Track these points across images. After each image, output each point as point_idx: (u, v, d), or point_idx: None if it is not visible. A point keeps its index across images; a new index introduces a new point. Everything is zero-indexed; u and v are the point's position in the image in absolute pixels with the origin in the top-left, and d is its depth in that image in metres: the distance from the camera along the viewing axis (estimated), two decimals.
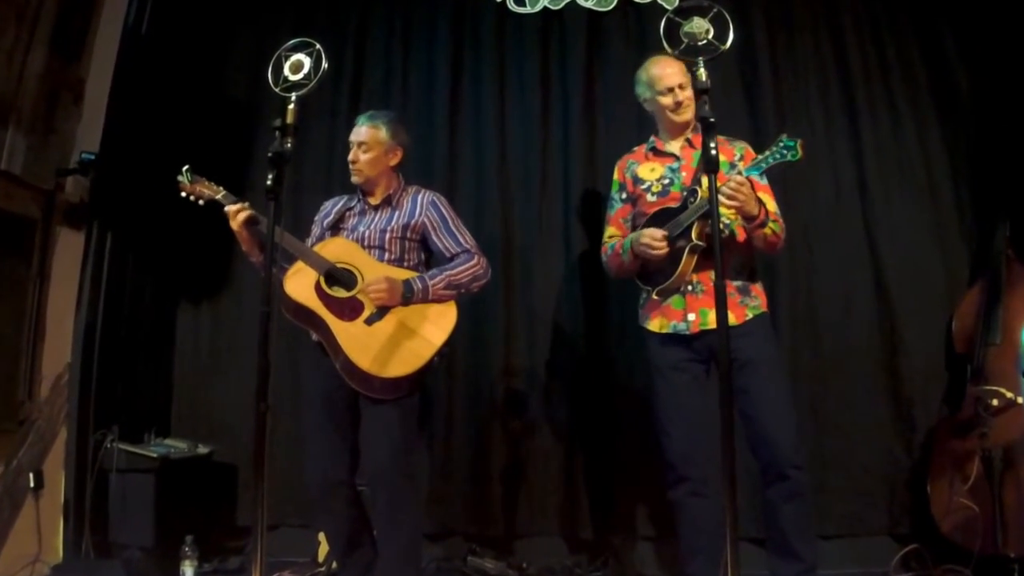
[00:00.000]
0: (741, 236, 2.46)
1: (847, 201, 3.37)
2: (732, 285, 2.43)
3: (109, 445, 3.17)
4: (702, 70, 1.85)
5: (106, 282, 3.47)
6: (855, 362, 3.23)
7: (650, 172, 2.61)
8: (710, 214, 2.29)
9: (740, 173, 2.26)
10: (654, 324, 2.54)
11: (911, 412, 3.17)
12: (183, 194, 2.60)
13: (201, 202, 2.59)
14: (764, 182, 2.49)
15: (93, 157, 3.46)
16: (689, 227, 2.36)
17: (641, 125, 3.49)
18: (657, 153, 2.64)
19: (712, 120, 1.83)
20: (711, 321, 2.40)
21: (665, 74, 2.55)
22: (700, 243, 2.36)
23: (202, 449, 3.36)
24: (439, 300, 2.50)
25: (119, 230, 3.53)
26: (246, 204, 2.49)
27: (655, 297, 2.50)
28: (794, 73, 3.48)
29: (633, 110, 3.50)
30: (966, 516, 2.79)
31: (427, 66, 3.71)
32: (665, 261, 2.41)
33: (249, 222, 2.47)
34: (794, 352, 3.23)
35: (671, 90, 2.54)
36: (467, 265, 2.55)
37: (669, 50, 1.91)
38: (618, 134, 3.50)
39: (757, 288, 2.53)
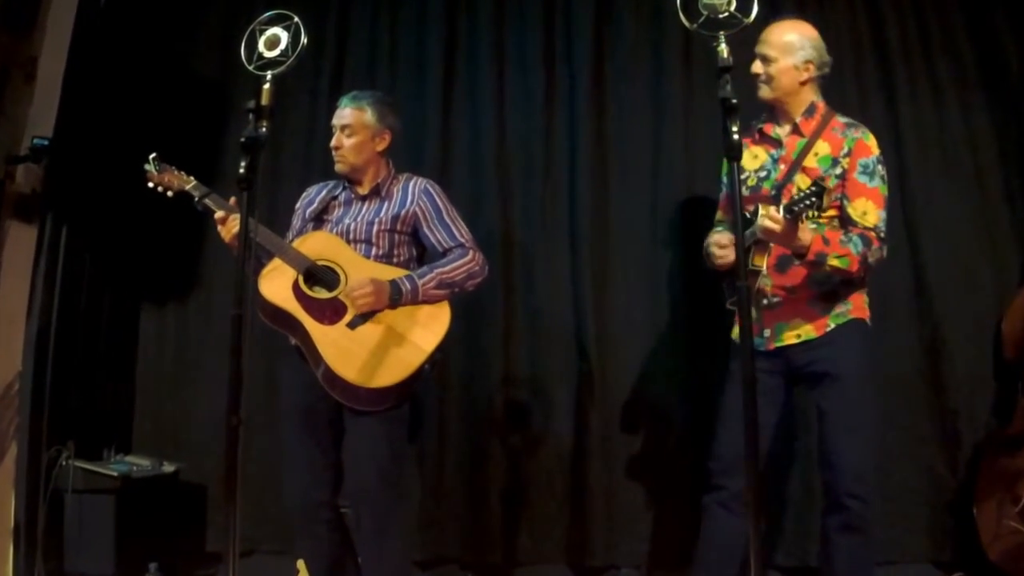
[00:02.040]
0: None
1: None
2: (813, 292, 2.42)
3: (64, 463, 3.16)
4: (723, 46, 1.85)
5: (61, 281, 3.46)
6: (892, 370, 3.23)
7: (752, 160, 2.53)
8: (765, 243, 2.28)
9: (779, 210, 2.22)
10: (734, 333, 2.56)
11: (955, 426, 3.17)
12: (150, 184, 2.61)
13: (170, 193, 2.60)
14: (872, 184, 2.38)
15: (46, 143, 3.45)
16: (750, 247, 2.31)
17: (656, 108, 3.52)
18: (764, 137, 2.55)
19: (735, 102, 1.83)
20: (787, 337, 2.43)
21: (759, 40, 2.47)
22: (756, 267, 2.33)
23: (168, 467, 3.37)
24: (430, 301, 2.50)
25: (76, 224, 3.52)
26: (233, 202, 2.48)
27: (729, 307, 2.51)
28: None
29: (647, 91, 3.53)
30: (1016, 542, 2.79)
31: (417, 41, 3.71)
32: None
33: None
34: None
35: (755, 60, 2.47)
36: (461, 261, 2.55)
37: (687, 24, 1.91)
38: (630, 118, 3.50)
39: (849, 292, 2.45)
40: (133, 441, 3.61)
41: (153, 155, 2.60)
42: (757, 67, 2.47)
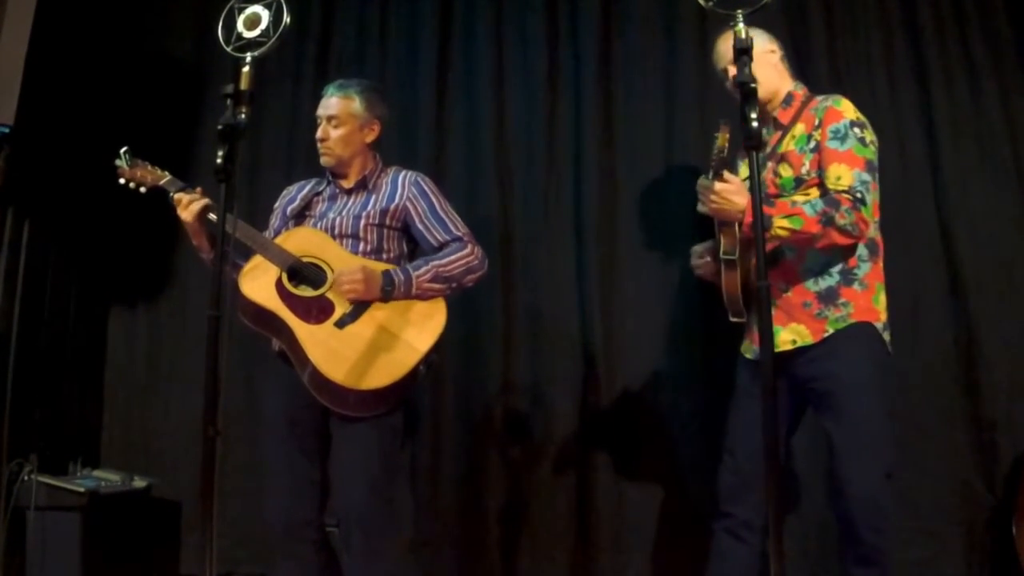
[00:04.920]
0: None
1: (916, 184, 3.37)
2: (810, 293, 2.40)
3: (27, 478, 3.16)
4: (741, 25, 1.85)
5: (23, 281, 3.46)
6: (925, 378, 3.23)
7: (746, 167, 2.57)
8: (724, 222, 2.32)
9: (707, 176, 2.28)
10: (743, 348, 2.60)
11: (993, 438, 3.17)
12: (122, 181, 2.62)
13: (143, 189, 2.60)
14: (845, 147, 2.35)
15: (7, 130, 3.45)
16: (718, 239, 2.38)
17: (668, 93, 3.51)
18: None
19: (753, 86, 1.83)
20: (782, 342, 2.39)
21: (718, 53, 2.56)
22: (728, 255, 2.35)
23: (139, 482, 3.37)
24: (424, 296, 2.50)
25: (39, 218, 3.53)
26: (199, 192, 2.50)
27: (732, 320, 2.51)
28: (852, 28, 3.48)
29: (659, 75, 3.53)
30: None
31: (409, 20, 3.72)
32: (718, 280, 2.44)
33: (203, 212, 2.48)
34: None
35: (725, 72, 2.52)
36: (459, 255, 2.56)
37: (703, 1, 1.91)
38: (640, 103, 3.51)
39: (852, 291, 2.39)
40: (101, 454, 3.62)
41: (124, 149, 2.61)
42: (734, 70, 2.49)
